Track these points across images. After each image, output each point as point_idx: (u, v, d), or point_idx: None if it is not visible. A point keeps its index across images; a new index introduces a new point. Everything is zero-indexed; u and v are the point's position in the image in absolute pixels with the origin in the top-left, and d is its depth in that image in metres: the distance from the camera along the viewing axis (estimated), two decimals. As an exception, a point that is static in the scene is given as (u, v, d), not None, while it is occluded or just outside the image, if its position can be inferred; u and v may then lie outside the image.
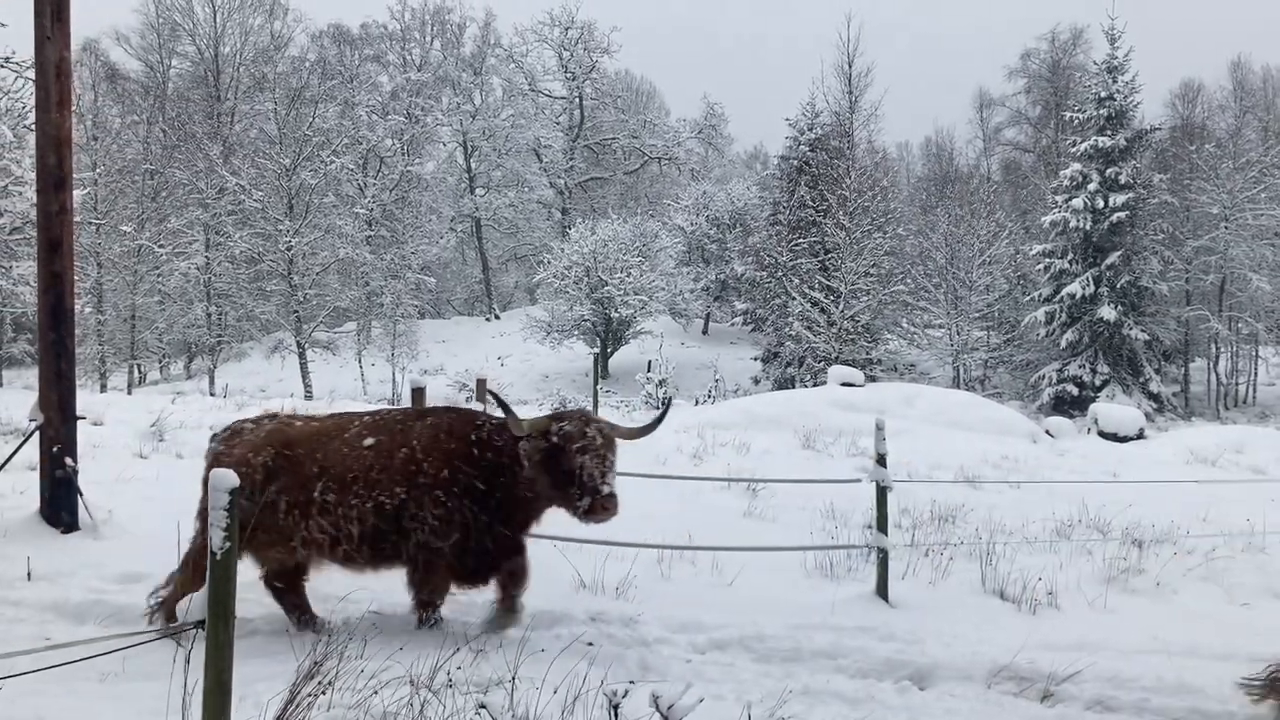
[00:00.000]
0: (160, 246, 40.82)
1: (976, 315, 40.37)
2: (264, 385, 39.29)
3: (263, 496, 5.60)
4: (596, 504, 5.25)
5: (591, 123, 61.52)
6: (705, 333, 53.27)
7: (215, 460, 5.80)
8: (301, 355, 41.84)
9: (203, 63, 57.12)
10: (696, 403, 29.14)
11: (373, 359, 43.57)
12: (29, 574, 6.83)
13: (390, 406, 14.59)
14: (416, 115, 54.77)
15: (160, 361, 46.52)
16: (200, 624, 3.41)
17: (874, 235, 39.89)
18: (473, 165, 60.41)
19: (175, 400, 21.20)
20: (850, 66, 51.20)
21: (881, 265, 40.25)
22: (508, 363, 46.86)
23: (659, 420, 5.89)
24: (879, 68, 60.18)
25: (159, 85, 56.13)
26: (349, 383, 41.37)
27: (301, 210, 43.10)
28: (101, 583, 6.87)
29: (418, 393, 8.73)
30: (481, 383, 10.28)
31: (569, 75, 60.69)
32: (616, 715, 2.62)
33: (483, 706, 2.94)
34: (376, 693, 4.39)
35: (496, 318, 57.17)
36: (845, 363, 32.27)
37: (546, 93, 61.95)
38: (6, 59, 21.34)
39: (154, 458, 11.76)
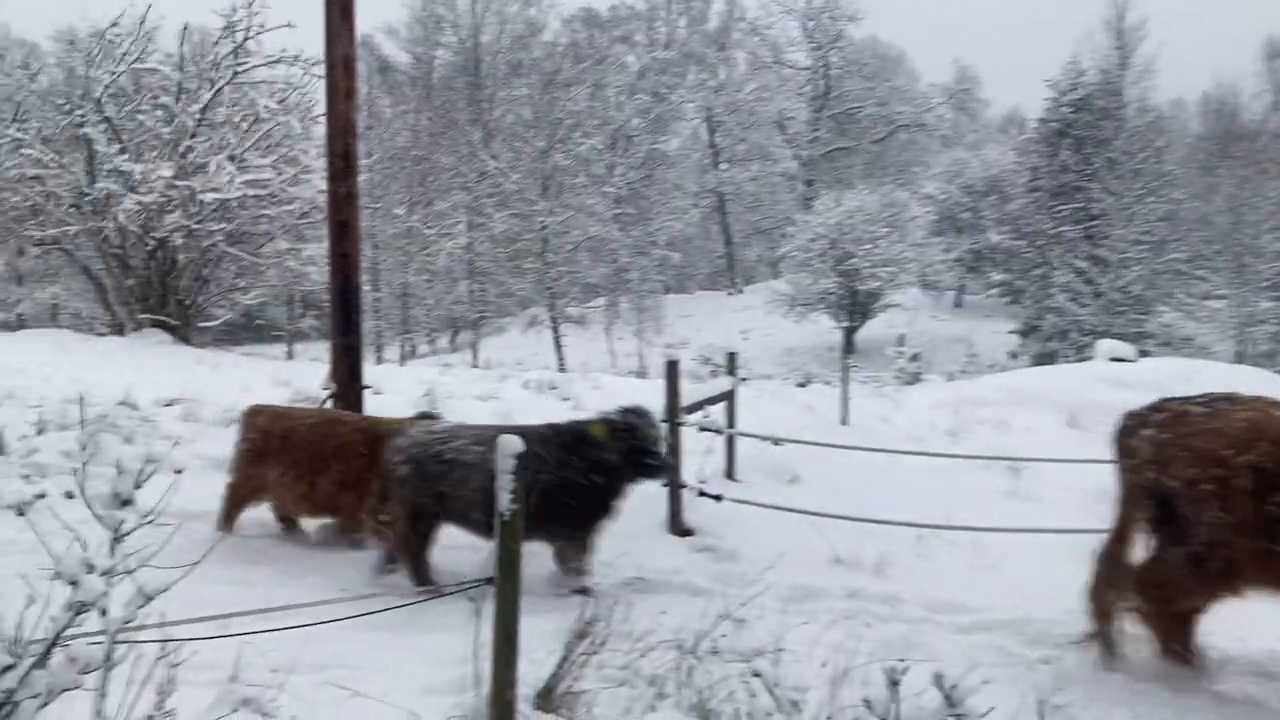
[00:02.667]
0: (428, 228, 43.49)
1: (1264, 284, 36.79)
2: (521, 358, 41.18)
3: None
4: None
5: (837, 92, 60.33)
6: (958, 305, 51.36)
7: None
8: (555, 329, 43.55)
9: (464, 52, 60.15)
10: (950, 379, 28.18)
11: (621, 333, 44.76)
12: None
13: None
14: (662, 93, 55.58)
15: (428, 335, 49.70)
16: (488, 580, 3.65)
17: (1146, 200, 37.10)
18: (716, 140, 60.66)
19: (443, 372, 22.58)
20: (1121, 20, 47.70)
21: (1154, 232, 37.37)
22: (750, 337, 46.91)
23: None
24: (1153, 20, 55.60)
25: (425, 75, 59.59)
26: (599, 356, 42.69)
27: (555, 190, 44.74)
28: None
29: (671, 366, 8.90)
30: (731, 357, 10.36)
31: (814, 45, 59.75)
32: (896, 691, 2.59)
33: (756, 674, 2.98)
34: (644, 656, 4.54)
35: (739, 292, 57.32)
36: (1114, 336, 30.19)
37: (791, 64, 61.27)
38: (296, 57, 23.28)
39: (429, 425, 12.54)
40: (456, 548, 6.90)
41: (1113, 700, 4.58)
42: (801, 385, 28.46)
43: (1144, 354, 26.57)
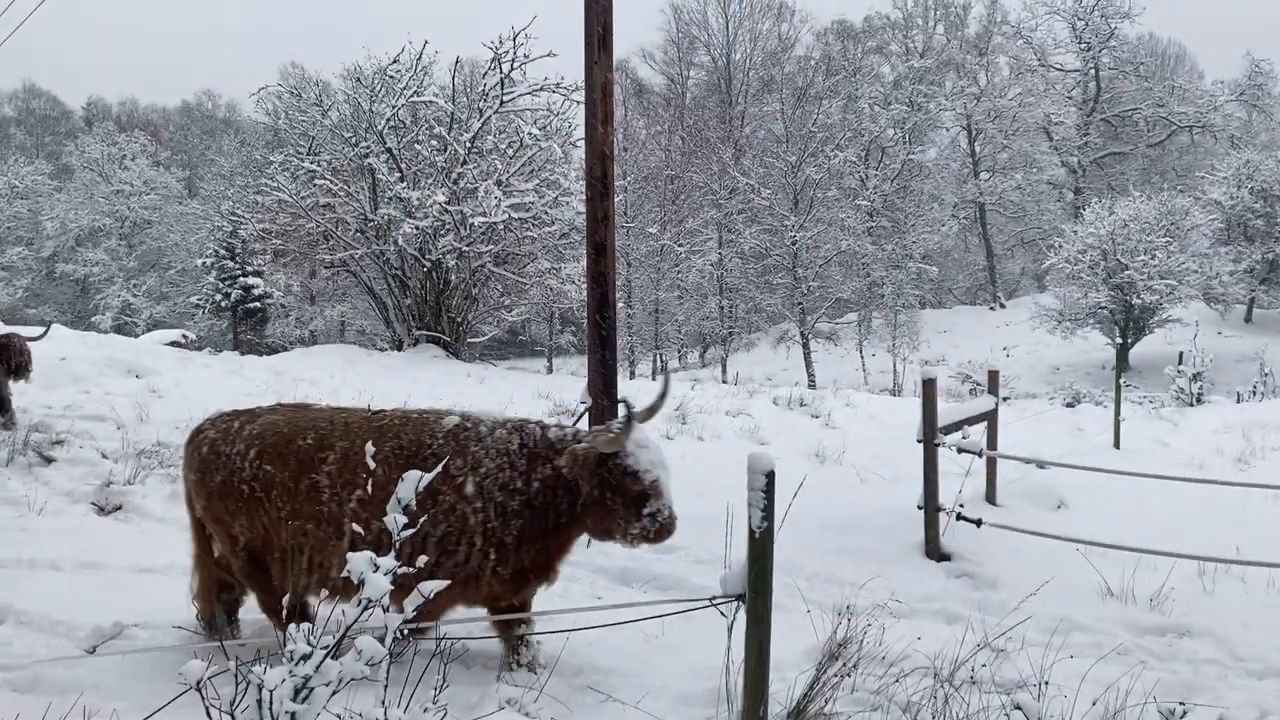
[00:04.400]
0: (679, 245, 44.28)
1: None
2: (770, 374, 41.16)
3: None
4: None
5: (1109, 94, 56.79)
6: (1249, 320, 47.01)
7: None
8: (805, 345, 43.24)
9: (716, 70, 61.01)
10: (1239, 399, 25.85)
11: (873, 349, 43.86)
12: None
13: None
14: (919, 102, 54.17)
15: (679, 351, 50.57)
16: (740, 597, 3.69)
17: None
18: (977, 149, 58.48)
19: (694, 387, 22.92)
20: None
21: None
22: (1014, 354, 44.81)
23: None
24: None
25: (678, 96, 60.89)
26: (850, 372, 42.03)
27: (806, 205, 44.47)
28: (641, 550, 7.64)
29: (928, 384, 8.65)
30: (994, 375, 9.95)
31: (1083, 46, 56.53)
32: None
33: (1018, 708, 2.85)
34: (898, 681, 4.44)
35: (1001, 306, 54.91)
36: None
37: (1058, 67, 58.24)
38: (557, 85, 24.39)
39: (678, 439, 12.81)
40: (702, 562, 7.00)
41: None
42: (1069, 405, 26.94)
43: None
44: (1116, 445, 12.93)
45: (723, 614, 4.45)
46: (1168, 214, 41.02)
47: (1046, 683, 4.28)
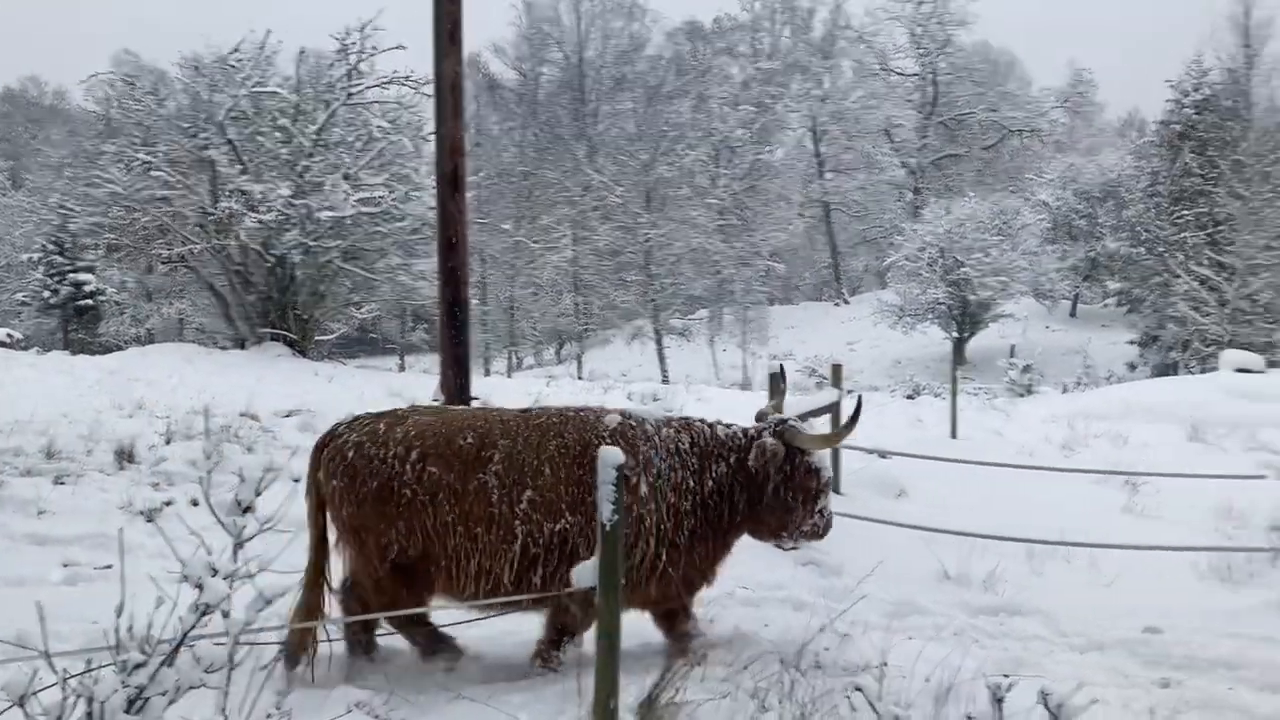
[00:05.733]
0: (534, 242, 44.16)
1: None
2: (625, 370, 41.47)
3: None
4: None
5: (946, 98, 59.27)
6: (1073, 315, 49.85)
7: None
8: (658, 341, 43.73)
9: (569, 68, 60.94)
10: (1065, 390, 27.41)
11: (724, 344, 44.67)
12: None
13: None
14: (766, 103, 55.37)
15: (534, 348, 50.43)
16: (590, 590, 3.70)
17: (1276, 203, 35.43)
18: (822, 149, 60.19)
19: (549, 383, 22.88)
20: (1247, 18, 45.85)
21: (1285, 237, 35.68)
22: (858, 348, 46.32)
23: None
24: (1281, 15, 53.14)
25: (531, 92, 60.58)
26: (702, 367, 42.69)
27: (658, 203, 45.00)
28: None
29: (775, 378, 8.86)
30: (837, 369, 10.27)
31: (922, 51, 58.84)
32: (1000, 709, 2.55)
33: (858, 689, 2.96)
34: (747, 668, 4.54)
35: (845, 302, 56.69)
36: (1240, 346, 28.95)
37: (898, 71, 60.45)
38: (406, 78, 23.94)
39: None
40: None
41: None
42: (910, 397, 28.01)
43: (1272, 365, 25.39)
44: (954, 435, 13.53)
45: (573, 610, 4.47)
46: (1000, 214, 43.09)
47: (886, 664, 4.45)
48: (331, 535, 4.99)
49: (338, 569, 5.03)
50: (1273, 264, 34.55)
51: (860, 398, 5.56)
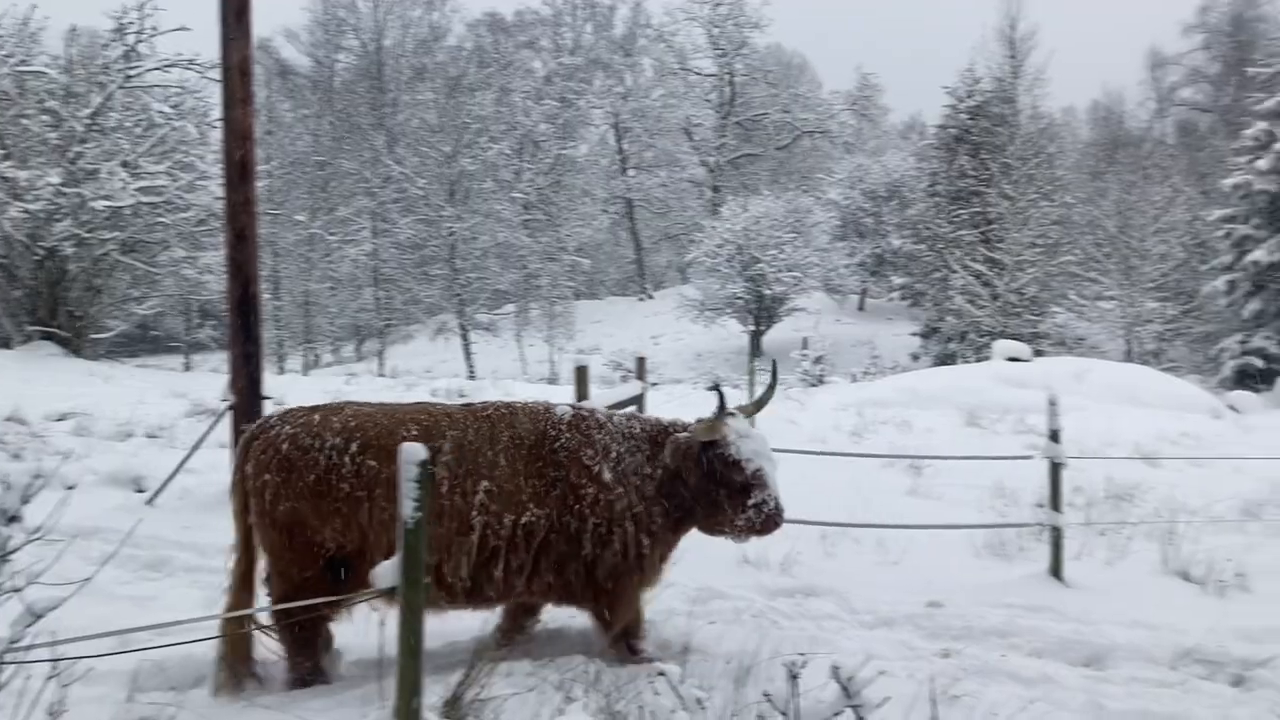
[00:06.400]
0: (331, 234, 42.77)
1: (1150, 285, 38.25)
2: (429, 366, 40.75)
3: None
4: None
5: (742, 99, 61.02)
6: (861, 309, 52.36)
7: None
8: (464, 337, 43.19)
9: (366, 56, 59.35)
10: (854, 379, 28.72)
11: (531, 340, 44.58)
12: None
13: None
14: (569, 99, 55.54)
15: (333, 345, 48.84)
16: (392, 590, 3.61)
17: (1040, 204, 38.28)
18: (624, 146, 60.88)
19: (349, 381, 22.24)
20: (1013, 30, 49.29)
21: (1048, 235, 38.57)
22: (661, 342, 47.15)
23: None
24: (1044, 29, 57.45)
25: (326, 79, 58.63)
26: (509, 363, 42.47)
27: (462, 196, 44.39)
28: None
29: (581, 371, 8.93)
30: (641, 361, 10.42)
31: (719, 52, 60.33)
32: (795, 685, 2.65)
33: (661, 674, 3.02)
34: (553, 660, 4.55)
35: (650, 297, 57.59)
36: (1010, 337, 31.14)
37: (697, 71, 61.78)
38: (190, 61, 22.69)
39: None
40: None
41: (1008, 693, 4.72)
42: (710, 389, 28.57)
43: (1039, 354, 27.49)
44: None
45: (374, 609, 4.36)
46: (793, 212, 44.75)
47: (688, 649, 4.55)
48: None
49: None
50: (1037, 260, 37.33)
51: (774, 370, 5.74)
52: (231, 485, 4.86)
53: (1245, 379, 33.15)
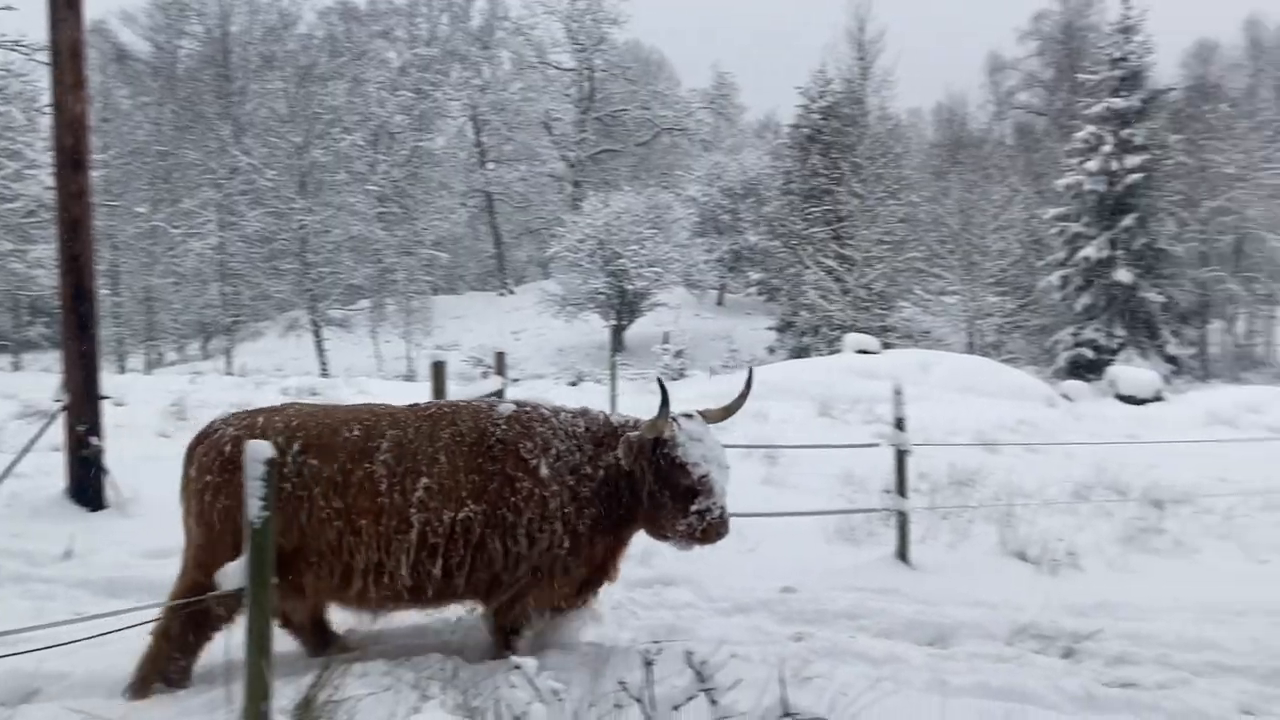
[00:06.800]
0: (174, 227, 41.01)
1: (990, 281, 40.11)
2: (280, 364, 39.53)
3: None
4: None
5: (602, 94, 61.21)
6: (720, 304, 53.23)
7: None
8: (317, 333, 42.03)
9: (211, 42, 57.00)
10: (713, 373, 29.19)
11: (387, 336, 43.72)
12: (67, 551, 6.95)
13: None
14: (425, 90, 54.62)
15: (177, 342, 46.83)
16: (240, 591, 3.50)
17: (887, 202, 39.68)
18: (483, 139, 60.26)
19: (194, 380, 21.39)
20: (862, 32, 50.87)
21: (895, 232, 40.02)
22: (522, 337, 46.95)
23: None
24: (890, 33, 59.55)
25: (169, 66, 56.11)
26: (364, 359, 41.57)
27: (313, 188, 43.18)
28: (131, 558, 7.00)
29: (438, 367, 8.79)
30: (500, 356, 10.34)
31: (578, 47, 60.33)
32: (650, 672, 2.68)
33: (516, 667, 3.01)
34: (410, 659, 4.49)
35: (510, 292, 57.23)
36: (860, 331, 32.22)
37: (556, 65, 61.62)
38: (17, 42, 21.37)
39: (177, 436, 11.89)
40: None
41: (857, 673, 4.88)
42: (573, 384, 28.77)
43: (887, 346, 28.47)
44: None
45: (220, 613, 4.21)
46: (654, 208, 45.18)
47: (546, 643, 4.55)
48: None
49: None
50: (885, 256, 38.65)
51: (749, 377, 5.51)
52: (180, 492, 4.79)
53: (1077, 369, 35.14)
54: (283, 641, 4.62)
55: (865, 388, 16.94)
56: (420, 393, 9.92)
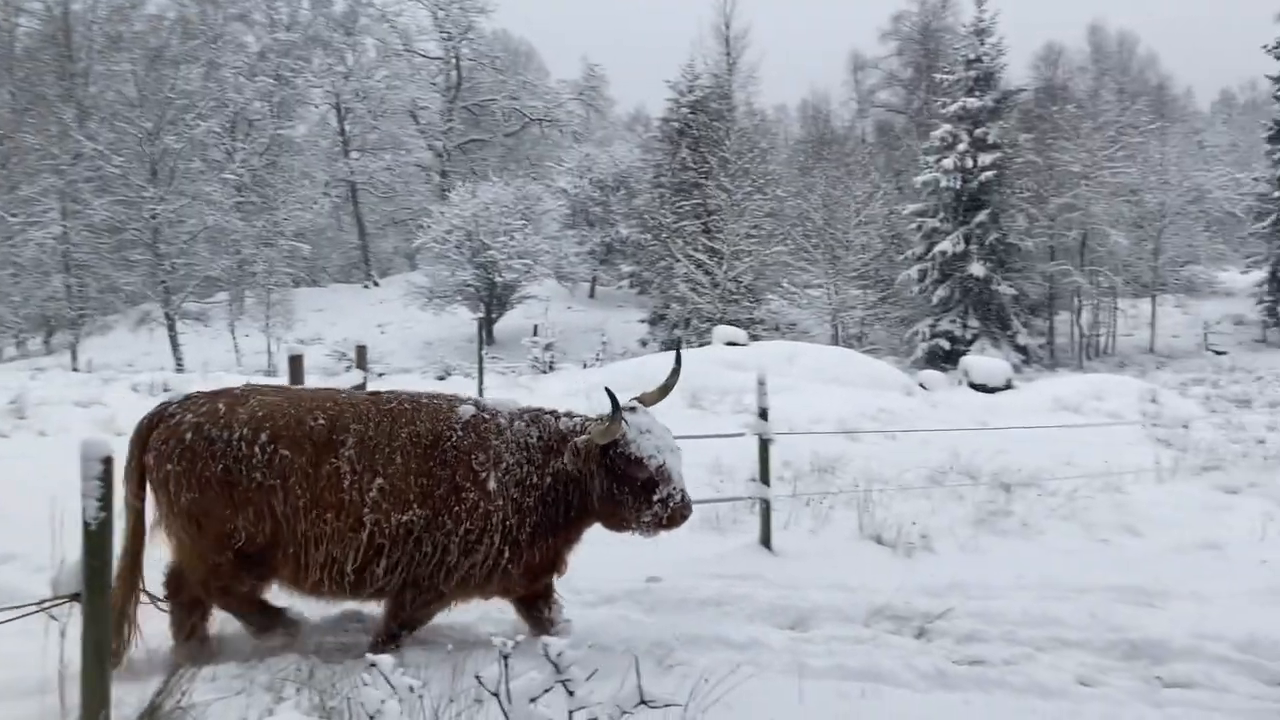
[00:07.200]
0: (12, 215, 38.79)
1: (853, 274, 41.24)
2: (131, 359, 37.82)
3: None
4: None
5: (469, 84, 60.46)
6: (592, 296, 53.26)
7: None
8: (171, 327, 40.34)
9: (52, 20, 53.92)
10: (585, 366, 29.21)
11: (247, 330, 42.27)
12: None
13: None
14: (286, 76, 52.97)
15: (16, 337, 44.31)
16: (75, 596, 3.32)
17: (754, 197, 40.37)
18: (346, 128, 58.82)
19: (34, 377, 20.32)
20: (728, 28, 51.59)
21: (762, 226, 40.77)
22: (388, 330, 46.06)
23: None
24: (756, 29, 60.64)
25: (4, 44, 52.90)
26: (223, 354, 40.11)
27: (166, 176, 41.39)
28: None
29: (295, 361, 8.53)
30: (361, 350, 10.10)
31: (444, 35, 59.45)
32: (506, 665, 2.65)
33: (373, 664, 2.94)
34: (263, 661, 4.34)
35: (375, 284, 56.06)
36: (729, 323, 32.70)
37: (422, 53, 60.61)
38: None
39: (15, 435, 11.28)
40: (42, 570, 6.22)
41: (720, 659, 4.95)
42: (441, 378, 28.41)
43: (755, 338, 28.98)
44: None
45: (54, 618, 3.99)
46: (523, 199, 44.87)
47: (405, 641, 4.47)
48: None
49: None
50: (752, 250, 39.35)
51: (678, 354, 5.67)
52: (125, 472, 4.64)
53: (935, 359, 36.49)
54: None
55: (734, 379, 17.16)
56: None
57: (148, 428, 4.73)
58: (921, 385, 20.48)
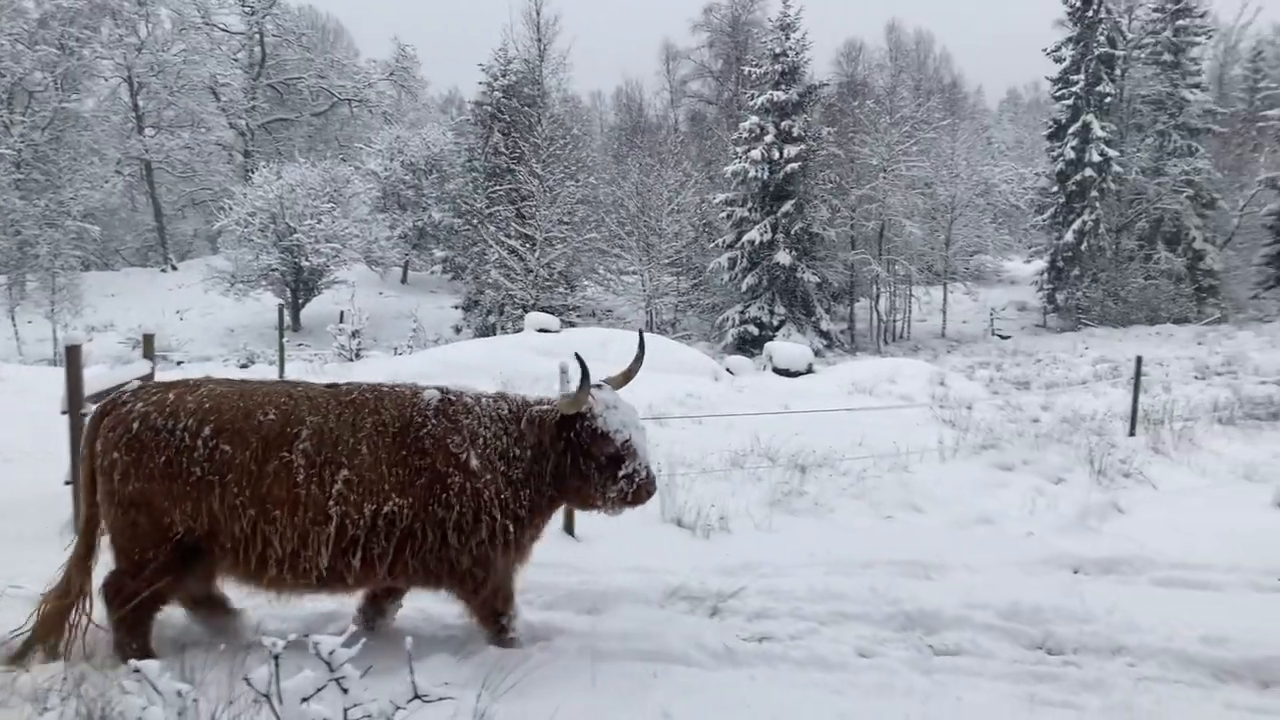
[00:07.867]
0: None
1: (666, 261, 41.99)
2: (-106, 349, 34.70)
3: None
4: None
5: (274, 61, 58.10)
6: (405, 281, 52.23)
7: None
8: (-60, 314, 37.21)
9: None
10: (396, 352, 28.68)
11: (29, 316, 39.43)
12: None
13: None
14: (71, 46, 49.49)
15: None
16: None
17: (567, 183, 40.46)
18: (140, 103, 55.47)
19: None
20: (538, 14, 51.40)
21: (576, 213, 40.93)
22: (188, 316, 43.86)
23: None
24: (570, 16, 60.67)
25: None
26: (3, 342, 37.31)
27: (-69, 149, 38.08)
28: None
29: (72, 351, 8.04)
30: (149, 338, 9.61)
31: (247, 9, 56.92)
32: (277, 665, 2.63)
33: (136, 670, 2.85)
34: (29, 671, 4.12)
35: (174, 268, 53.22)
36: (543, 309, 32.77)
37: (222, 27, 57.83)
38: None
39: None
40: None
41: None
42: (244, 366, 27.34)
43: (569, 325, 29.16)
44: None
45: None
46: (331, 181, 43.50)
47: (185, 645, 4.33)
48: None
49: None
50: (566, 236, 39.46)
51: (642, 334, 5.60)
52: (80, 460, 4.76)
53: (744, 345, 37.58)
54: None
55: (545, 365, 17.20)
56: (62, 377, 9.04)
57: (99, 416, 4.68)
58: (729, 370, 21.10)
